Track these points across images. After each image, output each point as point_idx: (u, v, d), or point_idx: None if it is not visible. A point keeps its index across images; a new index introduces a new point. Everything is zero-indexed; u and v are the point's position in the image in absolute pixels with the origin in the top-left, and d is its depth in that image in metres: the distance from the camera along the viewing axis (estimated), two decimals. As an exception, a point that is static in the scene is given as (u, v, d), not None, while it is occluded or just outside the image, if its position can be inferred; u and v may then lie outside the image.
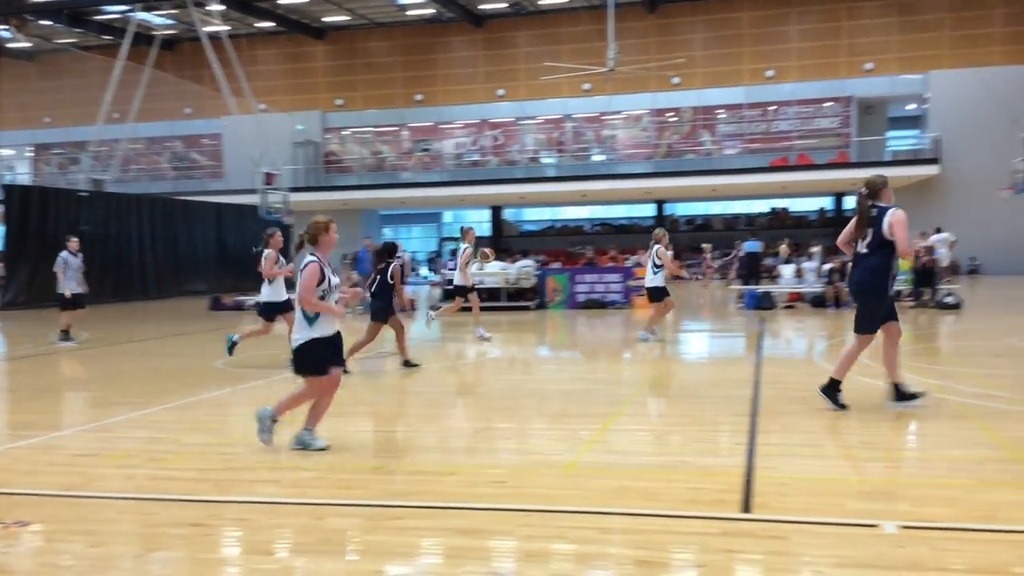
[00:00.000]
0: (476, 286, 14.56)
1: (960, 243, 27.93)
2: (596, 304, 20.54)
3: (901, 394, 7.26)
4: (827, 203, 41.41)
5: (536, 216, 45.83)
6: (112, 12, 35.28)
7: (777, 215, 42.01)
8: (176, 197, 33.77)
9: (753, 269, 26.32)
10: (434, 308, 13.75)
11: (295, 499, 5.09)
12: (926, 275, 19.63)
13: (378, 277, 10.56)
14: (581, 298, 20.79)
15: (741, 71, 37.01)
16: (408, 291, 22.36)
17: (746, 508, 4.59)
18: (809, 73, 36.35)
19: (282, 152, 34.97)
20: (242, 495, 5.19)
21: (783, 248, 23.77)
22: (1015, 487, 4.87)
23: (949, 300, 18.34)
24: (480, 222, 46.32)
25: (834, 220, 41.08)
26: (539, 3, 37.16)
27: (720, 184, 36.25)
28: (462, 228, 15.12)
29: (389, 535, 4.41)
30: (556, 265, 31.28)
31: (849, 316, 17.12)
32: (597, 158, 39.06)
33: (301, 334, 6.08)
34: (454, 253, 31.48)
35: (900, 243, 6.95)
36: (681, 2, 37.11)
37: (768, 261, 30.57)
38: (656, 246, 13.19)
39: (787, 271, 22.90)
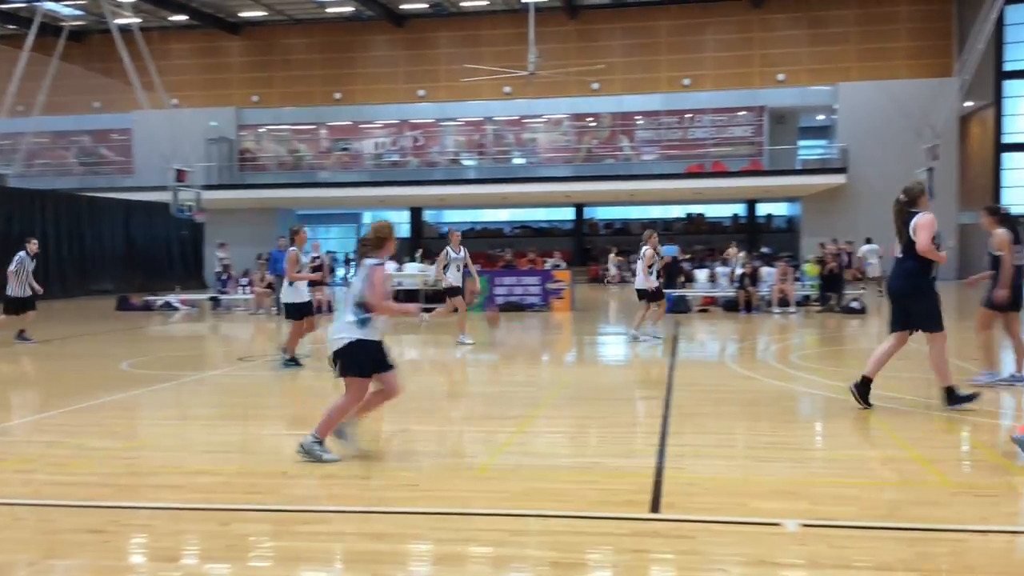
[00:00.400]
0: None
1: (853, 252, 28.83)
2: (515, 306, 20.60)
3: (954, 396, 7.23)
4: (740, 209, 42.44)
5: (456, 218, 45.77)
6: (18, 1, 33.92)
7: (693, 220, 42.86)
8: (83, 193, 32.61)
9: (669, 273, 26.75)
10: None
11: (201, 504, 4.95)
12: (833, 281, 20.27)
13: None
14: (500, 300, 20.81)
15: (659, 79, 37.66)
16: (327, 292, 22.08)
17: (655, 508, 4.66)
18: (724, 82, 37.20)
19: (195, 149, 34.12)
20: (146, 501, 5.03)
21: (731, 250, 24.12)
22: (913, 486, 5.05)
23: (855, 305, 18.96)
24: (399, 223, 46.07)
25: (747, 226, 42.14)
26: (460, 5, 37.17)
27: (638, 189, 36.77)
28: (449, 230, 14.50)
29: (296, 541, 4.33)
30: (476, 267, 31.25)
31: (760, 320, 17.61)
32: (518, 161, 39.23)
33: (348, 334, 5.76)
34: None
35: (919, 243, 7.02)
36: (601, 9, 37.58)
37: (684, 265, 31.15)
38: (644, 248, 13.37)
39: (701, 275, 23.39)
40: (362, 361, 5.76)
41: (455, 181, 38.07)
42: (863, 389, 7.34)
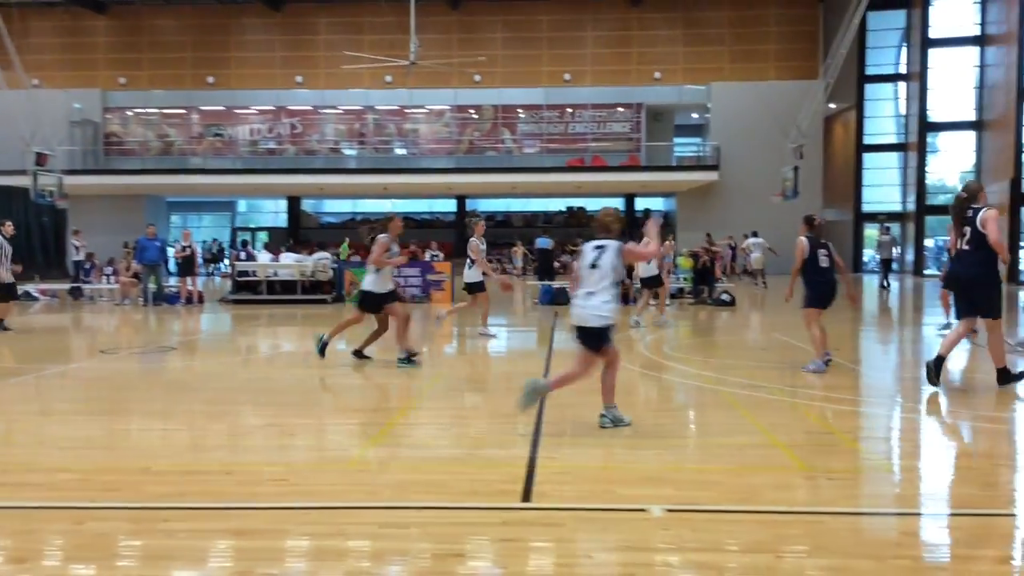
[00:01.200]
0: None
1: (738, 245, 30.00)
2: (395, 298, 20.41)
3: (1008, 375, 7.96)
4: (619, 203, 43.30)
5: (337, 208, 45.07)
6: None
7: (574, 214, 43.53)
8: (-69, 176, 30.47)
9: (546, 265, 27.12)
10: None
11: (54, 503, 4.70)
12: (705, 274, 20.94)
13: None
14: (379, 292, 20.61)
15: (540, 73, 38.01)
16: (199, 282, 21.36)
17: (527, 498, 4.69)
18: (603, 79, 37.87)
19: (57, 132, 32.35)
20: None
21: (667, 244, 24.43)
22: (772, 471, 5.26)
23: (725, 298, 19.64)
24: (276, 212, 45.02)
25: (626, 220, 43.04)
26: (341, -10, 36.54)
27: (520, 182, 37.04)
28: (473, 220, 13.88)
29: (157, 539, 4.16)
30: (356, 258, 30.85)
31: (726, 312, 18.02)
32: (399, 151, 38.88)
33: (611, 316, 6.39)
34: (245, 244, 30.22)
35: (991, 235, 7.64)
36: (483, 1, 37.59)
37: (565, 258, 31.59)
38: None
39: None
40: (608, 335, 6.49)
41: (335, 170, 37.40)
42: (937, 366, 8.03)
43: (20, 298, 14.31)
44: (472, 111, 38.30)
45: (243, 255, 24.48)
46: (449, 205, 43.14)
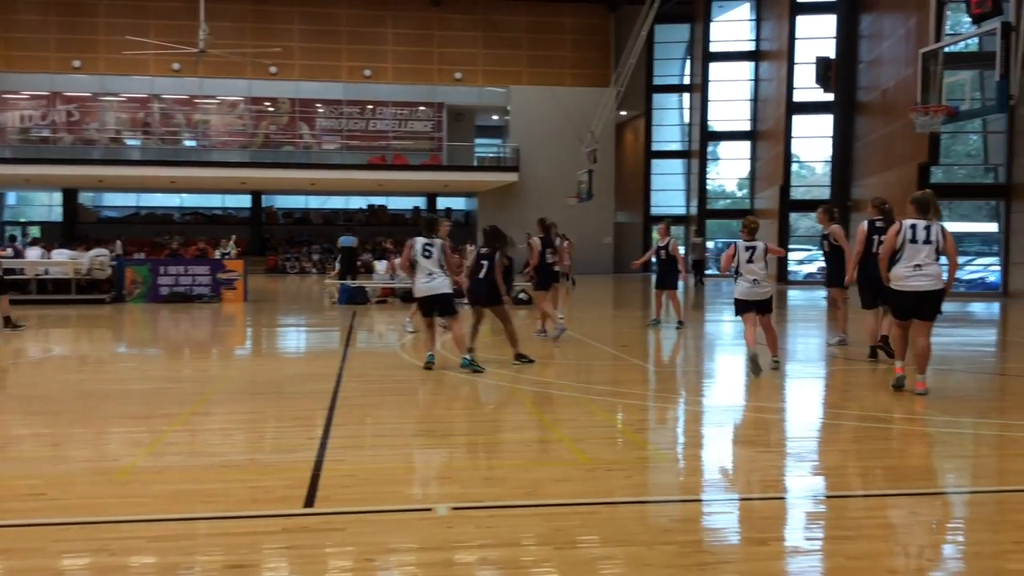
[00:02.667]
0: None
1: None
2: (181, 297, 19.43)
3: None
4: (422, 202, 43.35)
5: (119, 202, 42.34)
6: None
7: (375, 212, 43.13)
8: None
9: (349, 264, 26.64)
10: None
11: None
12: (504, 273, 21.24)
13: None
14: (165, 291, 19.54)
15: (340, 67, 37.38)
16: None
17: (309, 503, 4.55)
18: (404, 76, 37.74)
19: None
20: None
21: (568, 243, 24.15)
22: (554, 465, 5.38)
23: (522, 297, 20.03)
24: (50, 206, 41.81)
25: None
26: (124, -29, 34.36)
27: (319, 178, 36.27)
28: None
29: None
30: (140, 255, 29.18)
31: (523, 311, 18.02)
32: (188, 143, 37.01)
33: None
34: (13, 240, 27.84)
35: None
36: (279, -10, 36.53)
37: (366, 256, 31.20)
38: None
39: (381, 267, 23.52)
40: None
41: (116, 161, 35.07)
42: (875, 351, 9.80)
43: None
44: (268, 104, 37.09)
45: (10, 251, 22.45)
46: (244, 201, 41.55)
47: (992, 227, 25.31)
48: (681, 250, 16.55)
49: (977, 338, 14.61)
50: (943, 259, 7.74)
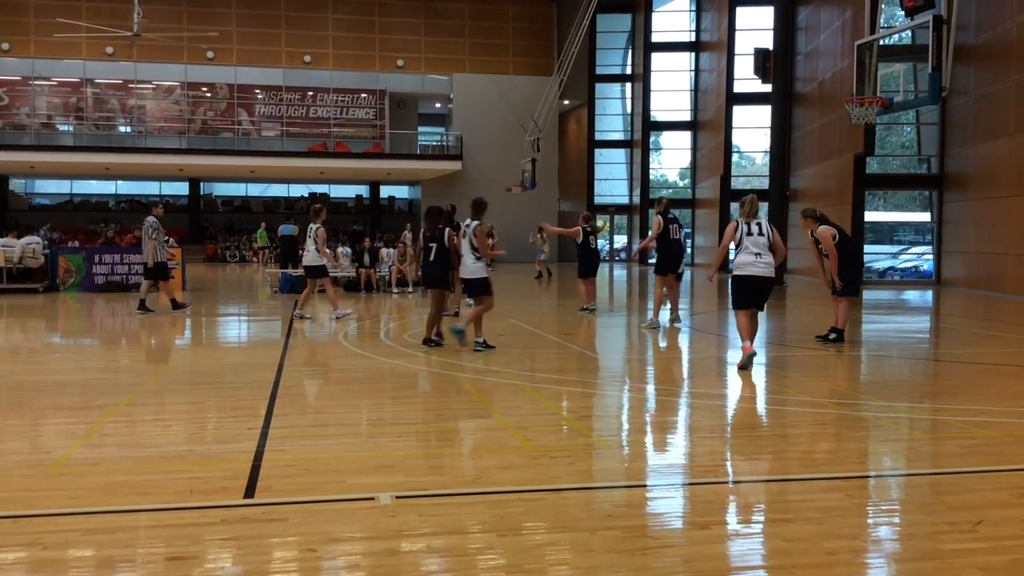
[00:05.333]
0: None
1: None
2: (117, 286, 19.00)
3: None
4: (364, 191, 42.98)
5: (51, 189, 41.19)
6: None
7: (316, 199, 42.60)
8: None
9: (289, 253, 26.29)
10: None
11: None
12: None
13: None
14: (100, 280, 19.08)
15: (279, 52, 36.80)
16: None
17: (250, 494, 4.47)
18: (345, 63, 37.32)
19: None
20: None
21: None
22: (499, 452, 5.37)
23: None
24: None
25: (370, 207, 42.81)
26: (54, -49, 33.30)
27: (259, 165, 35.73)
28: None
29: None
30: (74, 244, 28.41)
31: (379, 300, 17.95)
32: (123, 129, 36.12)
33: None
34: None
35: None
36: (216, -26, 35.80)
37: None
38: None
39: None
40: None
41: (48, 147, 34.11)
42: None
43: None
44: (205, 89, 36.36)
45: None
46: (181, 188, 40.73)
47: (925, 217, 26.00)
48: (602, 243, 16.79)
49: (911, 325, 15.00)
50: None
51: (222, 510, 4.21)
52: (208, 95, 36.53)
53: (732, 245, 8.94)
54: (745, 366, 8.55)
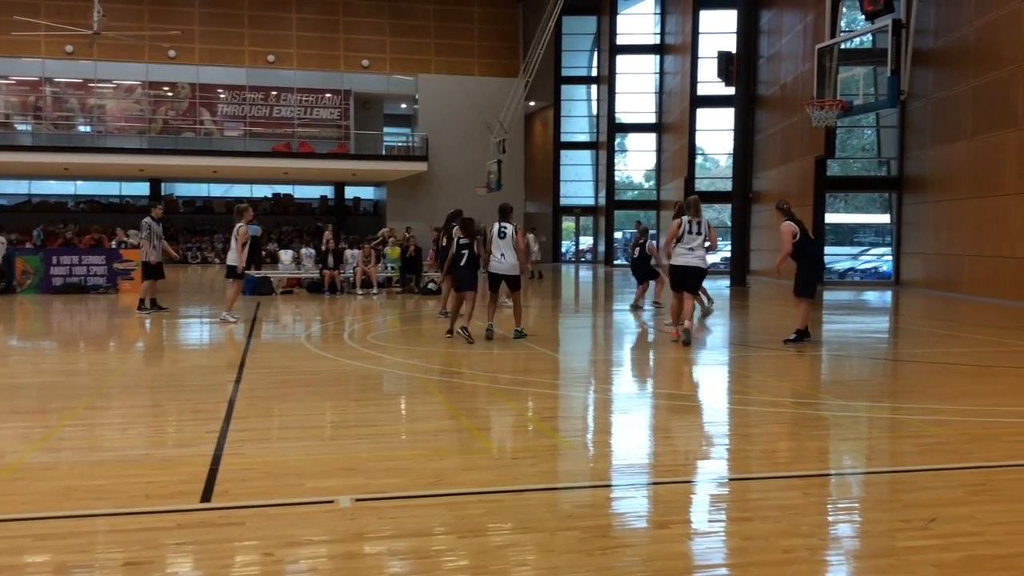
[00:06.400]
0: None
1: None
2: (76, 288, 18.71)
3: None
4: (329, 192, 42.72)
5: (9, 189, 40.48)
6: None
7: (280, 201, 42.30)
8: None
9: (254, 253, 26.08)
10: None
11: None
12: (413, 264, 21.16)
13: None
14: (58, 282, 18.78)
15: (242, 52, 36.47)
16: None
17: (207, 498, 4.41)
18: (309, 63, 37.07)
19: None
20: None
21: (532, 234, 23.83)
22: (460, 454, 5.36)
23: (431, 287, 19.98)
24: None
25: (335, 208, 42.54)
26: (11, -53, 32.72)
27: (221, 166, 35.37)
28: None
29: None
30: (29, 246, 27.94)
31: (344, 301, 17.87)
32: (83, 128, 35.58)
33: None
34: None
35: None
36: (175, -28, 35.38)
37: (272, 246, 30.55)
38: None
39: (286, 257, 23.11)
40: None
41: (6, 147, 33.51)
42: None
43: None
44: (167, 88, 35.92)
45: None
46: (142, 189, 40.20)
47: (885, 218, 26.38)
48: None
49: (871, 325, 15.20)
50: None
51: (178, 515, 4.15)
52: (170, 94, 36.09)
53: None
54: (688, 342, 10.42)
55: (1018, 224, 17.78)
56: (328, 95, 37.45)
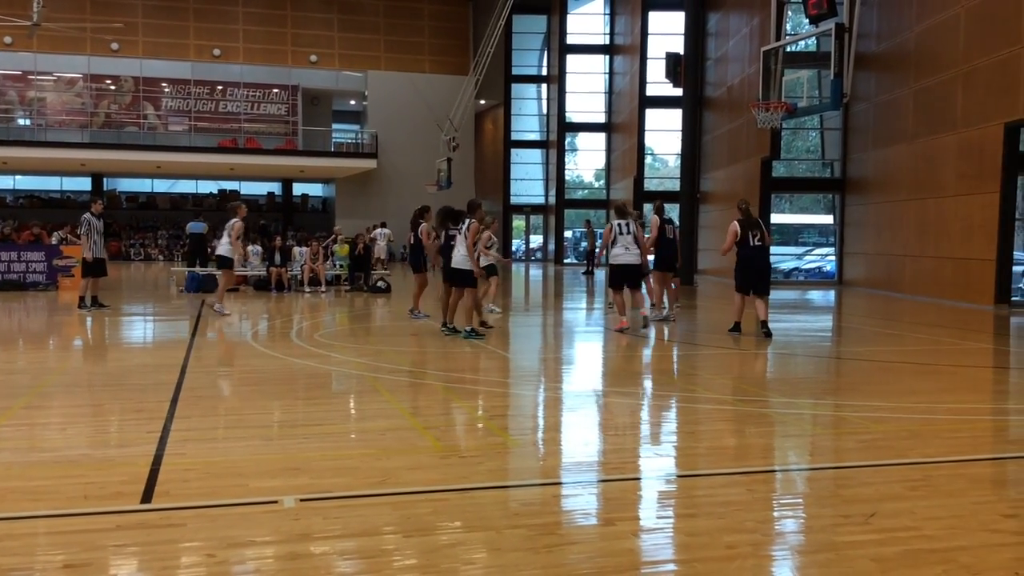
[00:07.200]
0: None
1: (396, 233, 30.31)
2: (14, 285, 18.23)
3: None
4: (276, 188, 42.20)
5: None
6: None
7: (226, 197, 41.63)
8: None
9: (198, 251, 25.65)
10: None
11: None
12: (362, 261, 21.00)
13: None
14: (-7, 280, 18.29)
15: (187, 45, 35.85)
16: None
17: (147, 499, 4.32)
18: (256, 57, 36.58)
19: None
20: None
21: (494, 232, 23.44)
22: (408, 453, 5.32)
23: (381, 285, 19.85)
24: None
25: (283, 205, 42.03)
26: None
27: (165, 161, 34.75)
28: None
29: None
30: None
31: (291, 299, 17.66)
32: (22, 122, 34.67)
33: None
34: None
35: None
36: (119, -37, 34.66)
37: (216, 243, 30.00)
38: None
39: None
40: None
41: (-59, 140, 32.56)
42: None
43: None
44: (109, 82, 35.15)
45: None
46: (84, 183, 39.30)
47: (828, 219, 26.87)
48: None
49: (814, 324, 15.47)
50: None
51: (118, 516, 4.06)
52: (112, 88, 35.32)
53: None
54: (623, 331, 11.54)
55: (957, 226, 18.23)
56: (275, 90, 36.99)
